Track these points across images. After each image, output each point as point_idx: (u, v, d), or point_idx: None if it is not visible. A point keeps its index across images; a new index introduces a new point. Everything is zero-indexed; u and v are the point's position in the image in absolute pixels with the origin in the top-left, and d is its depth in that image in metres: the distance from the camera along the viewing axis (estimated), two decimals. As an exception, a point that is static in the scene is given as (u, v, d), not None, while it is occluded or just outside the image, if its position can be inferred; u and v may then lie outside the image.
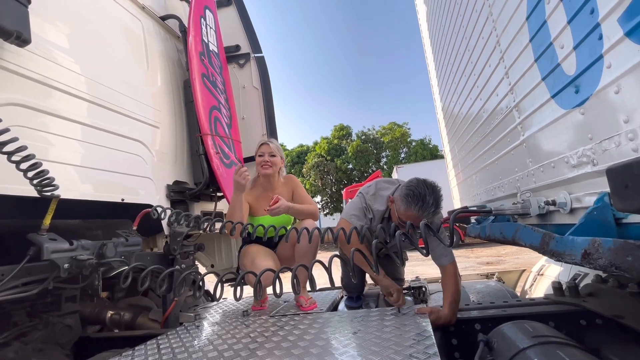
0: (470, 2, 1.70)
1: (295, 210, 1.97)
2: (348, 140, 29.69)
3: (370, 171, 27.09)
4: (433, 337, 1.25)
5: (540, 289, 2.82)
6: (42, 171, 1.24)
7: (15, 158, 1.17)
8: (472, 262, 9.75)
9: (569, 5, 0.85)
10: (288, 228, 2.02)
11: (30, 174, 1.22)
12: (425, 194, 1.54)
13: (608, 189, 0.69)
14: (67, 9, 1.69)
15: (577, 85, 0.87)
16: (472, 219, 1.95)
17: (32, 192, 1.28)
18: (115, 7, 2.08)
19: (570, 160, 0.96)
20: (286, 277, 1.26)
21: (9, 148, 1.14)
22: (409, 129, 29.20)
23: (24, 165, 1.19)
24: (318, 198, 28.60)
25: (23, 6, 1.33)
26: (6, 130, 1.13)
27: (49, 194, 1.31)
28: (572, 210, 0.99)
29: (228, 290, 1.61)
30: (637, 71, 0.66)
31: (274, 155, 2.02)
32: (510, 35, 1.26)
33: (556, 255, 0.85)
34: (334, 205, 28.15)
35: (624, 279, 1.47)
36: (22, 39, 1.31)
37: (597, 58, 0.77)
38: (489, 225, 1.53)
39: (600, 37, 0.75)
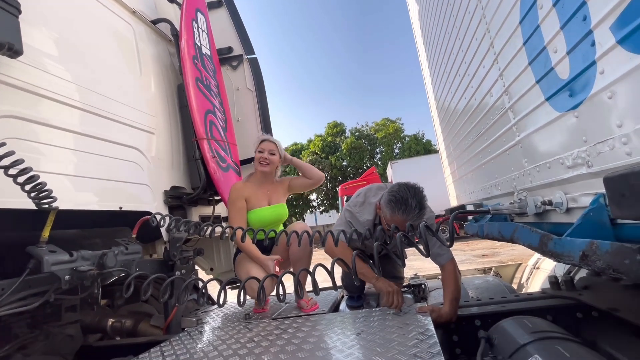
0: (463, 3, 1.71)
1: (296, 163, 2.13)
2: (342, 137, 29.72)
3: (365, 167, 27.16)
4: (435, 336, 1.27)
5: (536, 283, 2.88)
6: (40, 184, 1.23)
7: (12, 172, 1.15)
8: (468, 255, 9.88)
9: (561, 12, 0.86)
10: (277, 230, 2.03)
11: (27, 187, 1.21)
12: (407, 198, 1.57)
13: (603, 190, 0.71)
14: (56, 16, 1.66)
15: (571, 89, 0.89)
16: (469, 217, 1.98)
17: (30, 204, 1.26)
18: (106, 12, 2.05)
19: (566, 162, 0.98)
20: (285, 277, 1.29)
21: (4, 162, 1.13)
22: (402, 124, 29.34)
23: (21, 179, 1.18)
24: (314, 196, 28.63)
25: (14, 17, 1.30)
26: (2, 144, 1.12)
27: (46, 206, 1.30)
28: (569, 210, 1.01)
29: (229, 293, 1.62)
30: (630, 78, 0.68)
31: (273, 154, 2.07)
32: (504, 38, 1.28)
33: (555, 256, 0.87)
34: (330, 202, 28.20)
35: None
36: (14, 51, 1.28)
37: (591, 64, 0.79)
38: (487, 224, 1.55)
39: (593, 44, 0.77)
